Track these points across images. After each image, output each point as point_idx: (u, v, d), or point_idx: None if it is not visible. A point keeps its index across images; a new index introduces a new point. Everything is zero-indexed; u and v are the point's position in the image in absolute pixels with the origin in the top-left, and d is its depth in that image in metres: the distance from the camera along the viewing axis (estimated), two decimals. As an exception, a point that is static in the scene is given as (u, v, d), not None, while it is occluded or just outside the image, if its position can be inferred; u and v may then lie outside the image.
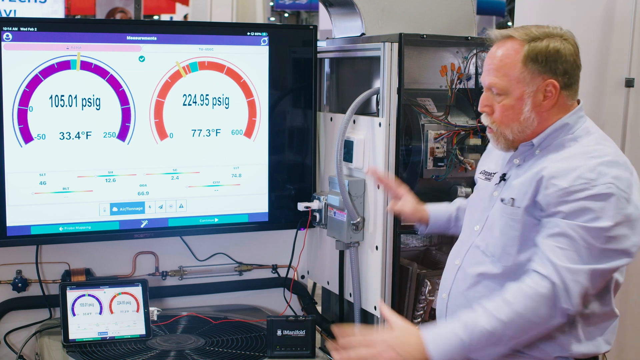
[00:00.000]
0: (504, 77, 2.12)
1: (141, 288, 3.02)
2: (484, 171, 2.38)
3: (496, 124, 2.16)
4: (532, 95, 2.11)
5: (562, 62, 2.11)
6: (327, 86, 3.48)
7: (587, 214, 1.99)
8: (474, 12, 3.25)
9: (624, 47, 3.36)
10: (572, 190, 2.01)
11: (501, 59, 2.12)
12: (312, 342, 2.89)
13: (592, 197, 2.00)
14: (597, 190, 2.00)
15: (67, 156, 2.97)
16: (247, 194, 3.23)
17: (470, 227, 2.31)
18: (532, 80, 2.10)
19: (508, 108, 2.13)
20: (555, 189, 2.03)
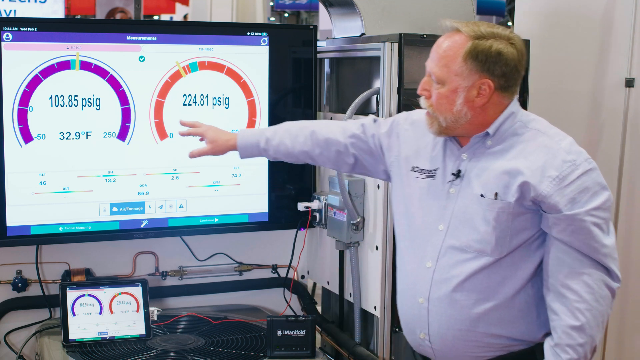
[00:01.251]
0: (444, 68, 2.18)
1: (141, 288, 3.02)
2: (417, 168, 2.36)
3: (432, 109, 2.22)
4: (466, 90, 2.16)
5: (502, 64, 2.15)
6: (327, 86, 3.48)
7: (588, 192, 2.11)
8: (474, 12, 3.25)
9: (624, 47, 3.35)
10: (563, 175, 2.11)
11: (445, 50, 2.19)
12: (312, 342, 2.89)
13: (583, 175, 2.11)
14: (583, 167, 2.12)
15: (67, 156, 2.97)
16: (247, 194, 3.23)
17: (431, 227, 2.29)
18: (468, 76, 2.16)
19: (443, 97, 2.19)
20: (548, 180, 2.11)
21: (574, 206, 2.09)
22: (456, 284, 2.21)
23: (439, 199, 2.28)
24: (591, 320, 2.11)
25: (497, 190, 2.16)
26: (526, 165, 2.13)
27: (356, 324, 3.15)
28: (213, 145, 2.64)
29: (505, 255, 2.17)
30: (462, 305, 2.21)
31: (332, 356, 3.28)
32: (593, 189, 2.11)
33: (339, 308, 3.29)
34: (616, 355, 3.49)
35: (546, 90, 3.47)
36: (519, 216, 2.15)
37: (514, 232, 2.16)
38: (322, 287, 3.51)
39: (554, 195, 2.10)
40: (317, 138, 2.57)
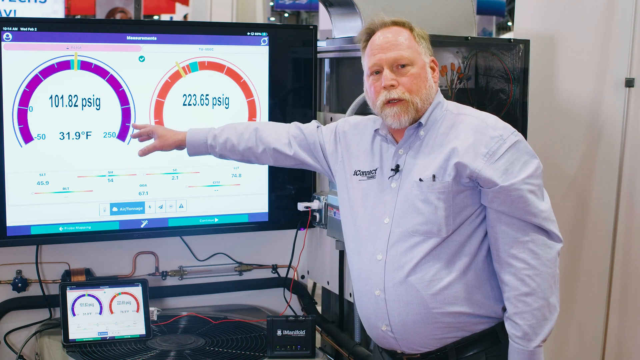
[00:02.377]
0: (408, 49, 2.31)
1: (141, 288, 3.02)
2: (358, 171, 2.44)
3: (407, 93, 2.29)
4: (428, 66, 2.35)
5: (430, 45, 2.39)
6: (327, 86, 3.48)
7: (519, 163, 2.21)
8: (474, 12, 3.25)
9: (624, 47, 3.35)
10: (492, 151, 2.21)
11: (398, 38, 2.33)
12: (312, 342, 2.89)
13: (511, 148, 2.22)
14: (510, 141, 2.23)
15: (67, 156, 2.97)
16: (247, 194, 3.23)
17: (376, 222, 2.34)
18: (425, 54, 2.35)
19: (416, 76, 2.30)
20: (480, 157, 2.20)
21: (508, 177, 2.19)
22: (409, 270, 2.27)
23: (381, 195, 2.36)
24: (542, 284, 2.19)
25: (435, 172, 2.25)
26: (458, 146, 2.24)
27: (356, 324, 3.15)
28: (161, 140, 2.74)
29: (451, 234, 2.25)
30: (417, 289, 2.25)
31: (332, 356, 3.28)
32: (523, 159, 2.22)
33: (339, 308, 3.29)
34: (616, 355, 3.49)
35: (546, 90, 3.47)
36: (458, 194, 2.24)
37: (457, 210, 2.25)
38: (322, 287, 3.51)
39: (487, 170, 2.19)
40: (260, 135, 2.66)
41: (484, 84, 3.21)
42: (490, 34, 12.56)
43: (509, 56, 3.11)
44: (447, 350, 2.29)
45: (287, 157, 2.66)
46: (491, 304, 2.28)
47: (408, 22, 2.37)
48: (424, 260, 2.26)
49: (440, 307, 2.25)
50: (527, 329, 2.19)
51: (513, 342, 2.22)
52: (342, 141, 2.54)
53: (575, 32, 3.48)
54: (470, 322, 2.27)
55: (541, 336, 2.20)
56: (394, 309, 2.29)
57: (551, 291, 2.20)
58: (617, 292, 3.45)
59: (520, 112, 3.08)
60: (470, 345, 2.29)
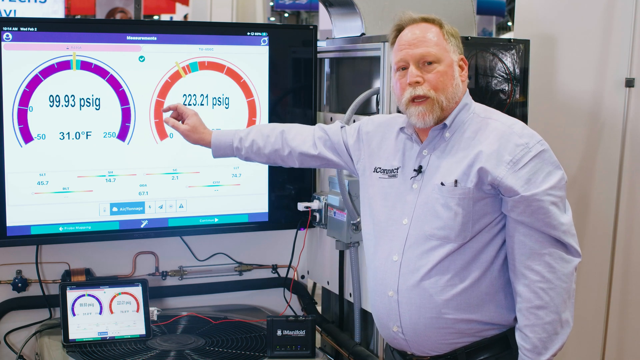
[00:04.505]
0: (436, 47, 2.27)
1: (141, 288, 3.02)
2: (379, 168, 2.41)
3: (433, 91, 2.26)
4: (456, 64, 2.30)
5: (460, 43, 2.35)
6: (327, 86, 3.48)
7: (542, 173, 2.17)
8: (474, 12, 3.25)
9: (624, 47, 3.35)
10: (516, 159, 2.17)
11: (426, 34, 2.29)
12: (312, 342, 2.89)
13: (536, 157, 2.18)
14: (535, 150, 2.19)
15: (67, 156, 2.97)
16: (247, 194, 3.23)
17: (395, 223, 2.33)
18: (453, 52, 2.30)
19: (443, 74, 2.26)
20: (503, 164, 2.17)
21: (530, 187, 2.15)
22: (423, 273, 2.25)
23: (402, 195, 2.33)
24: (555, 298, 2.16)
25: (457, 177, 2.22)
26: (482, 152, 2.20)
27: (356, 324, 3.15)
28: (190, 129, 2.69)
29: (468, 240, 2.23)
30: (430, 293, 2.24)
31: (332, 356, 3.28)
32: (547, 169, 2.17)
33: (339, 308, 3.29)
34: (616, 355, 3.49)
35: (546, 90, 3.47)
36: (479, 201, 2.21)
37: (476, 217, 2.22)
38: (322, 287, 3.51)
39: (510, 178, 2.16)
40: (286, 138, 2.65)
41: (484, 84, 3.20)
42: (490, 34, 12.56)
43: (509, 56, 3.11)
44: (457, 355, 2.27)
45: (313, 157, 2.63)
46: (504, 313, 2.26)
47: (438, 19, 2.32)
48: (439, 265, 2.23)
49: (452, 313, 2.24)
50: (537, 342, 2.16)
51: (522, 354, 2.19)
52: (365, 139, 2.51)
53: (575, 32, 3.48)
54: (482, 329, 2.26)
55: (551, 351, 2.17)
56: (406, 312, 2.28)
57: (565, 306, 2.17)
58: (617, 292, 3.45)
59: (520, 112, 3.08)
60: (481, 350, 2.27)
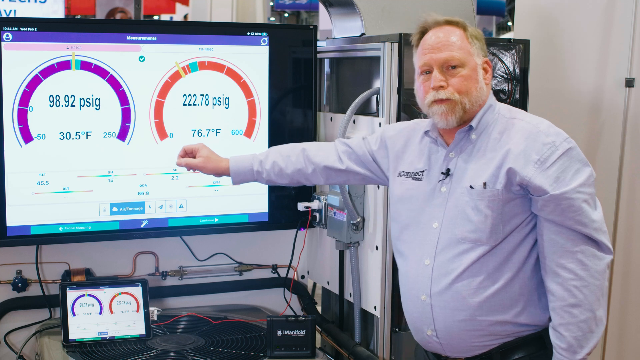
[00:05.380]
0: (459, 50, 2.27)
1: (141, 288, 3.02)
2: (403, 172, 2.42)
3: (456, 94, 2.26)
4: (481, 68, 2.29)
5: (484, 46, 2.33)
6: (327, 86, 3.48)
7: (570, 170, 2.17)
8: (474, 12, 3.25)
9: (624, 47, 3.35)
10: (544, 158, 2.17)
11: (450, 37, 2.28)
12: (312, 342, 2.89)
13: (564, 155, 2.18)
14: (562, 148, 2.19)
15: (67, 156, 2.97)
16: (247, 194, 3.23)
17: (425, 226, 2.32)
18: (477, 55, 2.29)
19: (467, 78, 2.26)
20: (531, 164, 2.17)
21: (559, 185, 2.15)
22: (455, 276, 2.25)
23: (429, 198, 2.32)
24: (589, 296, 2.15)
25: (485, 179, 2.22)
26: (509, 152, 2.20)
27: (356, 324, 3.15)
28: (204, 160, 2.66)
29: (500, 242, 2.22)
30: (463, 295, 2.24)
31: (332, 356, 3.28)
32: (575, 167, 2.17)
33: (339, 308, 3.29)
34: (616, 355, 3.49)
35: (546, 90, 3.47)
36: (509, 202, 2.21)
37: (507, 218, 2.22)
38: (322, 287, 3.51)
39: (538, 178, 2.16)
40: (308, 155, 2.62)
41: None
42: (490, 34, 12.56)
43: (509, 56, 3.11)
44: (492, 355, 2.27)
45: (340, 172, 2.60)
46: (537, 312, 2.26)
47: (462, 22, 2.31)
48: (471, 268, 2.23)
49: (485, 315, 2.24)
50: (572, 340, 2.16)
51: (557, 353, 2.19)
52: (389, 144, 2.51)
53: (575, 32, 3.48)
54: (516, 330, 2.26)
55: (586, 349, 2.16)
56: (439, 315, 2.28)
57: (598, 304, 2.17)
58: (617, 292, 3.45)
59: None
60: (515, 349, 2.26)
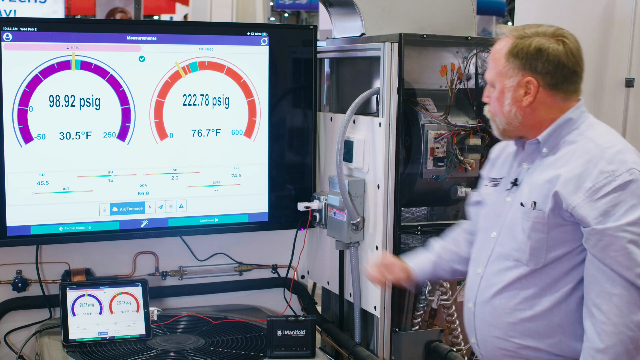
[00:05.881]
0: (492, 70, 2.19)
1: (141, 288, 3.02)
2: (491, 178, 2.37)
3: (490, 113, 2.22)
4: (513, 89, 2.14)
5: (544, 61, 2.11)
6: (327, 86, 3.48)
7: (624, 206, 1.99)
8: (474, 12, 3.25)
9: (624, 47, 3.36)
10: (597, 187, 2.01)
11: (494, 54, 2.19)
12: (312, 342, 2.89)
13: (620, 187, 2.00)
14: (622, 179, 2.00)
15: (67, 156, 2.97)
16: (247, 194, 3.23)
17: (487, 234, 2.29)
18: (513, 75, 2.14)
19: (495, 99, 2.19)
20: (582, 191, 2.02)
21: (605, 220, 1.99)
22: (495, 291, 2.19)
23: (496, 207, 2.27)
24: (618, 346, 1.99)
25: (537, 199, 2.11)
26: (561, 175, 2.07)
27: (356, 324, 3.15)
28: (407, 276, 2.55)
29: (542, 267, 2.12)
30: (500, 313, 2.18)
31: (332, 356, 3.28)
32: (630, 202, 1.98)
33: (339, 308, 3.29)
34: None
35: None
36: (556, 227, 2.09)
37: (552, 243, 2.10)
38: (322, 287, 3.51)
39: (584, 208, 2.01)
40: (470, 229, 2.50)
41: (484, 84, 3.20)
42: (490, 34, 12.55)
43: (509, 56, 3.10)
44: None
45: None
46: (574, 345, 2.11)
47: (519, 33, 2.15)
48: (510, 287, 2.16)
49: (518, 337, 2.16)
50: None
51: None
52: (491, 157, 2.44)
53: (575, 32, 3.47)
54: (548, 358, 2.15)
55: None
56: (480, 326, 2.24)
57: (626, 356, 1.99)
58: None
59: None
60: None
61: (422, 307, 3.05)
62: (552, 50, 2.11)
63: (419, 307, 3.05)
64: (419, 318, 3.05)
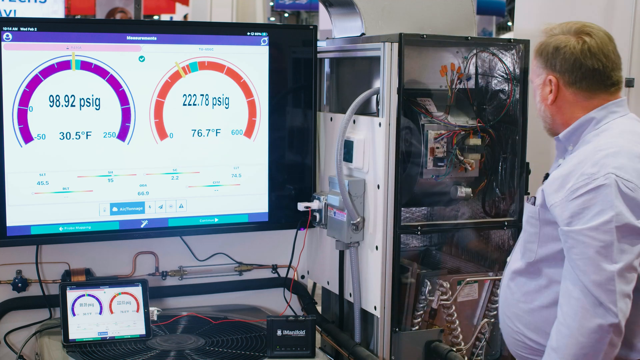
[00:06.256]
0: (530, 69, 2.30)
1: (141, 288, 3.02)
2: None
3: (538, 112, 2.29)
4: (540, 88, 2.21)
5: (561, 59, 2.14)
6: (327, 86, 3.48)
7: (591, 210, 1.98)
8: (474, 12, 3.25)
9: (624, 47, 3.35)
10: (574, 188, 2.02)
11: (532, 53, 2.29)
12: (312, 342, 2.89)
13: (593, 190, 1.99)
14: (596, 182, 1.99)
15: (67, 156, 2.97)
16: (247, 194, 3.23)
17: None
18: (539, 74, 2.21)
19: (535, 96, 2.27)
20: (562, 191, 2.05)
21: (572, 222, 2.01)
22: (507, 280, 2.32)
23: None
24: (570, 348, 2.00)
25: (537, 194, 2.17)
26: (554, 173, 2.12)
27: (356, 324, 3.15)
28: None
29: (535, 263, 2.16)
30: (510, 299, 2.29)
31: (332, 356, 3.28)
32: (597, 208, 1.98)
33: (339, 308, 3.29)
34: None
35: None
36: (548, 224, 2.11)
37: (544, 239, 2.14)
38: (322, 287, 3.51)
39: (559, 208, 2.04)
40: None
41: (484, 84, 3.21)
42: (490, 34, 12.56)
43: (509, 56, 3.11)
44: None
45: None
46: None
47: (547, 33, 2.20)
48: (515, 275, 2.25)
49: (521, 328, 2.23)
50: None
51: None
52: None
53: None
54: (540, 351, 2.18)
55: None
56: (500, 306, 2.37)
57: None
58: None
59: (520, 112, 3.08)
60: None
61: (422, 307, 3.05)
62: (569, 49, 2.14)
63: (419, 307, 3.05)
64: (419, 318, 3.05)
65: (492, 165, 3.09)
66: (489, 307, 3.15)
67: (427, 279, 3.04)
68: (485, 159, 3.05)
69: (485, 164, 3.06)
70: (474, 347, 3.14)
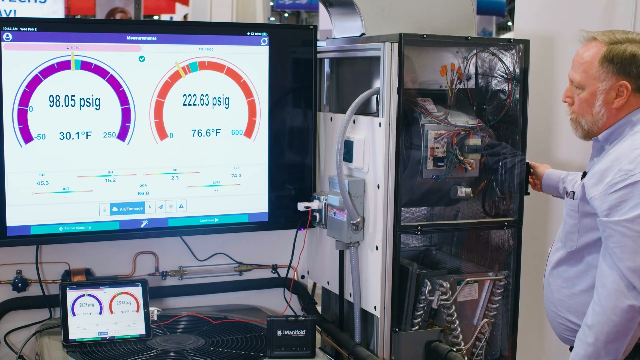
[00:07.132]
0: (583, 74, 2.38)
1: (141, 288, 3.02)
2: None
3: (575, 114, 2.44)
4: (605, 92, 2.35)
5: (637, 66, 2.32)
6: (327, 86, 3.48)
7: (629, 203, 2.21)
8: (474, 12, 3.25)
9: (624, 47, 3.35)
10: (612, 182, 2.23)
11: (583, 57, 2.39)
12: (312, 342, 2.89)
13: (631, 185, 2.21)
14: (634, 178, 2.22)
15: (67, 156, 2.97)
16: (247, 194, 3.23)
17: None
18: (606, 79, 2.34)
19: (583, 101, 2.39)
20: (601, 185, 2.26)
21: (611, 214, 2.23)
22: (550, 269, 2.54)
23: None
24: (603, 326, 2.24)
25: (576, 189, 2.38)
26: (594, 168, 2.32)
27: (356, 324, 3.15)
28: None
29: (577, 250, 2.37)
30: (552, 288, 2.52)
31: (332, 356, 3.28)
32: (634, 201, 2.20)
33: (339, 308, 3.29)
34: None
35: (546, 90, 3.47)
36: (587, 216, 2.33)
37: (583, 230, 2.37)
38: (322, 287, 3.51)
39: (598, 200, 2.25)
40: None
41: (484, 84, 3.21)
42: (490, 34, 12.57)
43: (509, 56, 3.11)
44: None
45: None
46: None
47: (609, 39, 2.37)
48: (557, 266, 2.50)
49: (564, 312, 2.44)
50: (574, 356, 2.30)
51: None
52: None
53: (575, 32, 3.47)
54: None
55: None
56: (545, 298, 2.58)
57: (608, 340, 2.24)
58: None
59: (520, 112, 3.08)
60: None
61: (422, 307, 3.05)
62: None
63: (419, 307, 3.05)
64: (419, 318, 3.05)
65: (492, 166, 3.09)
66: (489, 307, 3.15)
67: (427, 279, 3.04)
68: (485, 159, 3.05)
69: (485, 164, 3.07)
70: (474, 347, 3.14)
